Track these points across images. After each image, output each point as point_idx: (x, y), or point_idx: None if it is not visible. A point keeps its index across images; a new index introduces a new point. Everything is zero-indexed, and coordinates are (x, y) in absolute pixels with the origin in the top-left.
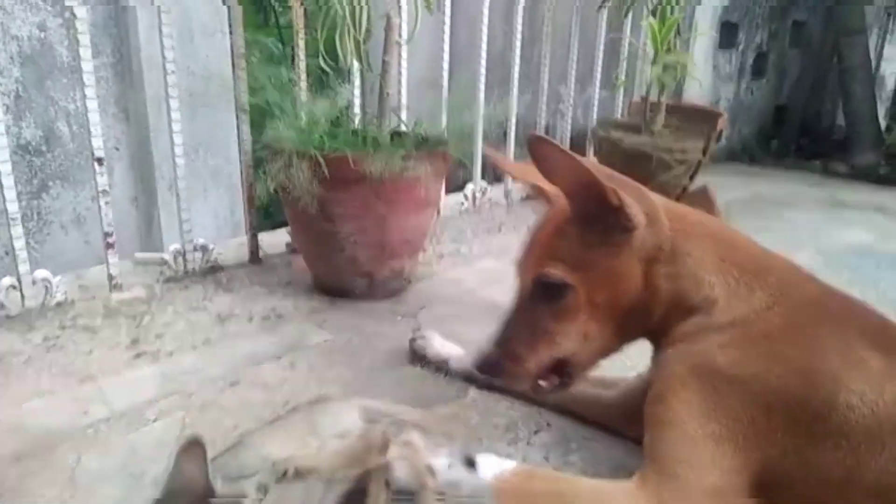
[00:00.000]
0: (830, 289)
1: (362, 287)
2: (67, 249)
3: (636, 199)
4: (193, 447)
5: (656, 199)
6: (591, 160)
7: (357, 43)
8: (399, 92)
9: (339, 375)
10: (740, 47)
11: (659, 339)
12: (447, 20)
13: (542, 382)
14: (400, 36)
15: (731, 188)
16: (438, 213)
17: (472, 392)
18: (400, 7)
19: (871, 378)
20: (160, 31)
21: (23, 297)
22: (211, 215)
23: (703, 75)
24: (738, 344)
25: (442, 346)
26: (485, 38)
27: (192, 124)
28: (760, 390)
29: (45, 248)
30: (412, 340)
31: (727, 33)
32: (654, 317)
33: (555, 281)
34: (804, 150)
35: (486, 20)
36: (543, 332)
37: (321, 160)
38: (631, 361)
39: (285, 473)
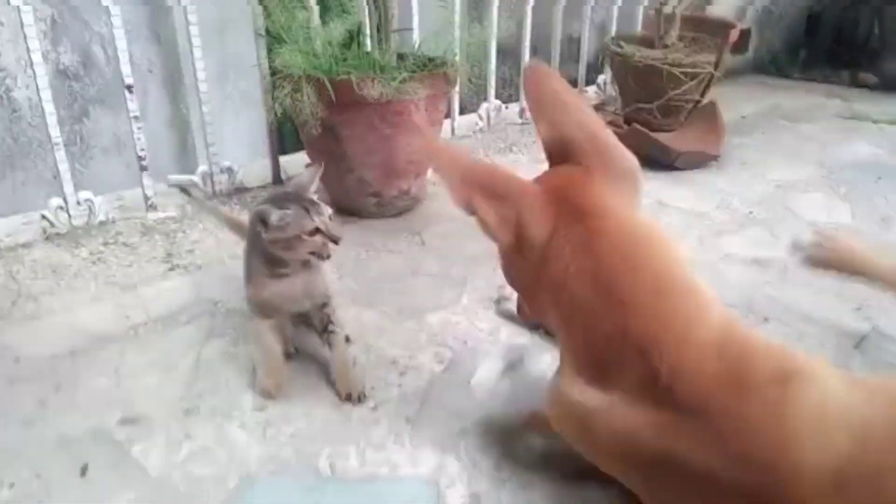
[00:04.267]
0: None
1: (371, 206)
2: (109, 171)
3: (507, 209)
4: (315, 169)
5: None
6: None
7: None
8: (410, 11)
9: (346, 286)
10: None
11: None
12: None
13: None
14: None
15: (750, 101)
16: (453, 132)
17: (465, 300)
18: None
19: None
20: None
21: (69, 216)
22: (245, 135)
23: None
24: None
25: None
26: None
27: (220, 48)
28: None
29: (88, 171)
30: (497, 302)
31: None
32: None
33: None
34: (836, 60)
35: None
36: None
37: (327, 83)
38: None
39: None
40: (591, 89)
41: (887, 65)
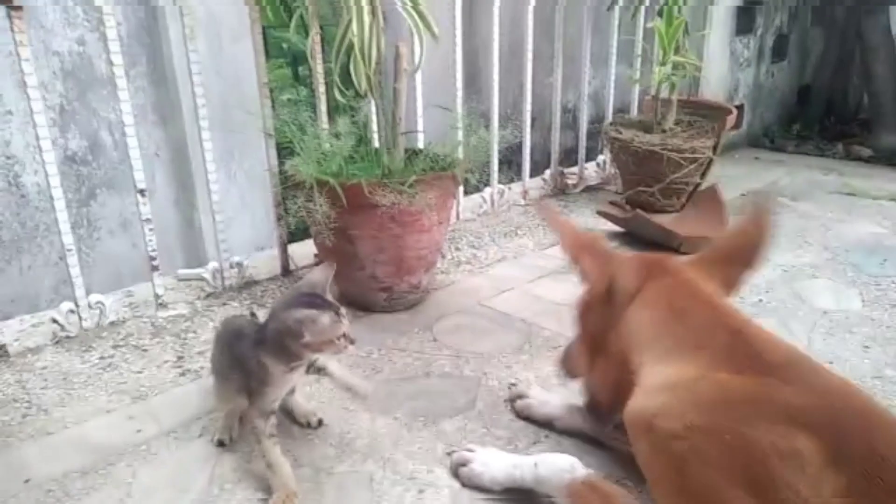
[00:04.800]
0: (783, 353)
1: (382, 301)
2: (115, 253)
3: (604, 264)
4: (328, 268)
5: (633, 262)
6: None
7: (367, 76)
8: (414, 113)
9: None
10: (758, 31)
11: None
12: (458, 47)
13: None
14: (408, 63)
15: (747, 179)
16: (458, 216)
17: (480, 405)
18: (413, 35)
19: (801, 469)
20: (184, 35)
21: (80, 318)
22: (249, 219)
23: (720, 63)
24: (679, 416)
25: (544, 402)
26: (496, 56)
27: (227, 132)
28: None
29: (95, 253)
30: (512, 401)
31: (744, 18)
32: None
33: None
34: (828, 132)
35: (496, 40)
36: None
37: (338, 189)
38: None
39: None
40: (591, 166)
41: (880, 137)
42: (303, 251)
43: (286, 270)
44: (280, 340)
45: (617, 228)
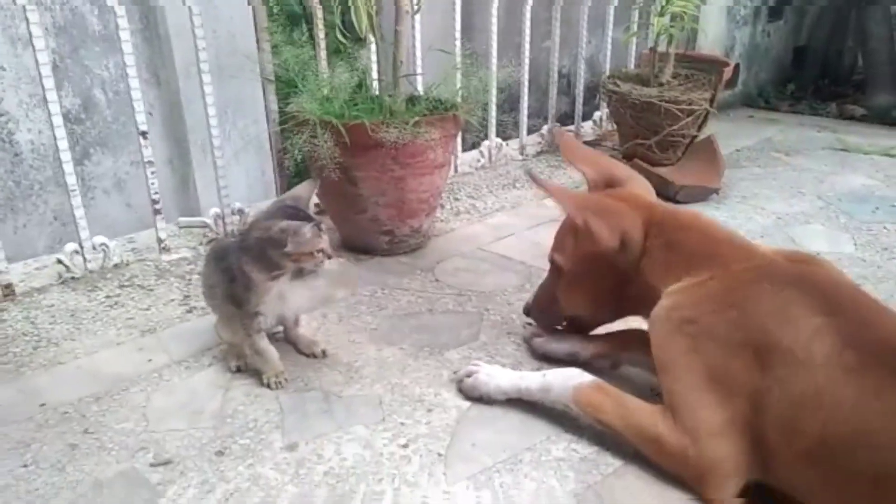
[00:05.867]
0: (775, 261)
1: (384, 244)
2: (110, 213)
3: (614, 223)
4: (312, 183)
5: (642, 206)
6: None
7: (370, 15)
8: (414, 57)
9: (364, 323)
10: None
11: (647, 312)
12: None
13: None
14: (410, 5)
15: (741, 136)
16: (456, 169)
17: (483, 337)
18: None
19: (801, 338)
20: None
21: (85, 260)
22: (243, 176)
23: (718, 21)
24: (691, 305)
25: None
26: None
27: (221, 89)
28: (713, 338)
29: (90, 213)
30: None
31: None
32: (630, 301)
33: (557, 263)
34: (822, 92)
35: None
36: (552, 296)
37: (342, 129)
38: None
39: None
40: (588, 125)
41: (873, 97)
42: None
43: None
44: (262, 249)
45: None
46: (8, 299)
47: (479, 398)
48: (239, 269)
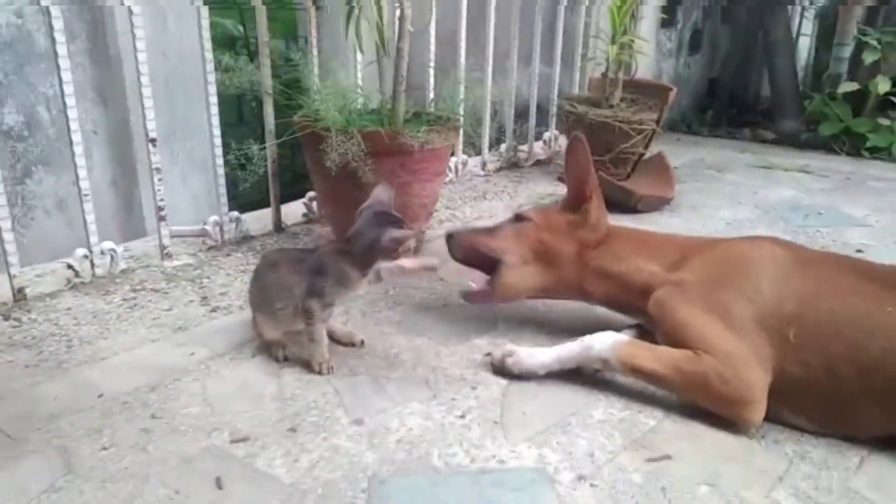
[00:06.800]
0: (735, 237)
1: None
2: (51, 233)
3: (603, 212)
4: (388, 186)
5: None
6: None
7: (381, 32)
8: (408, 72)
9: (387, 317)
10: (679, 25)
11: (643, 307)
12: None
13: (471, 284)
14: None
15: (675, 155)
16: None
17: (500, 326)
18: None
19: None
20: (129, 12)
21: (93, 265)
22: (190, 200)
23: (648, 52)
24: (691, 277)
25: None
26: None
27: (169, 109)
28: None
29: (30, 233)
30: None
31: (667, 12)
32: (580, 284)
33: (524, 215)
34: (735, 119)
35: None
36: (497, 230)
37: (358, 136)
38: None
39: None
40: (538, 145)
41: (782, 123)
42: (289, 211)
43: (278, 227)
44: (369, 253)
45: None
46: (20, 303)
47: (518, 375)
48: (338, 269)
